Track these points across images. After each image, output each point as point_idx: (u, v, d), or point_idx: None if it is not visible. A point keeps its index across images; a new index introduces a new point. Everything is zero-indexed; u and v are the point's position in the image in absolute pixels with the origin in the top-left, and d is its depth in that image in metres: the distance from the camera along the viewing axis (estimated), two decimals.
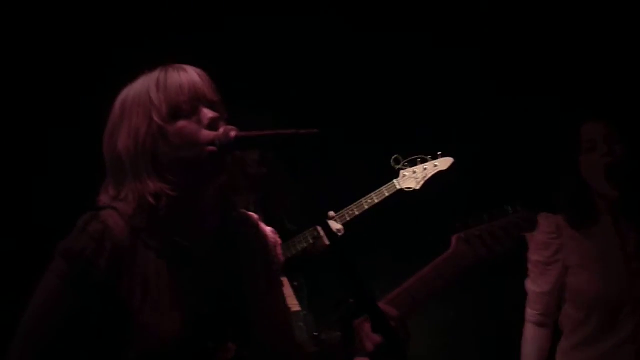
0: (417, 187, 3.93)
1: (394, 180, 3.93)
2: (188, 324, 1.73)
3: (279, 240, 2.06)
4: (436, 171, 3.97)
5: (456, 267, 1.89)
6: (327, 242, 3.59)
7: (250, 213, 1.97)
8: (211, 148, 1.73)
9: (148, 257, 1.74)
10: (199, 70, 1.82)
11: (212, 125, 1.76)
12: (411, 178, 3.94)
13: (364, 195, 3.87)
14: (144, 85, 1.80)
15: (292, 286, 3.62)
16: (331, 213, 3.76)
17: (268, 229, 2.01)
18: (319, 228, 3.59)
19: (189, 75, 1.80)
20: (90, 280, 1.68)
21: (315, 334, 3.53)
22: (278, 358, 1.88)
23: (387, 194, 3.89)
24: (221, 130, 1.75)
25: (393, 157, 3.95)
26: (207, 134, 1.75)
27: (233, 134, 1.74)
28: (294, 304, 3.57)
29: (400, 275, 1.90)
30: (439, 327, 4.58)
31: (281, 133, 1.67)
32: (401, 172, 3.95)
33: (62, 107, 3.95)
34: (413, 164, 3.97)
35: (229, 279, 1.83)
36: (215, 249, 1.83)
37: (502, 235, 1.92)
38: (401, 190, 3.92)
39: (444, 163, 3.98)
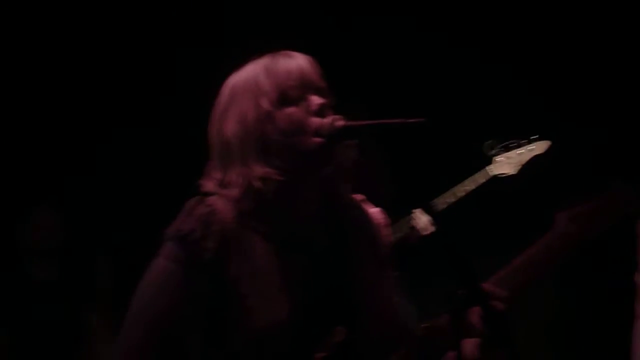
0: (513, 172, 3.86)
1: (488, 167, 3.87)
2: (296, 309, 1.75)
3: (386, 220, 2.05)
4: (532, 155, 3.89)
5: (564, 246, 1.85)
6: (420, 232, 3.57)
7: (356, 195, 1.97)
8: (318, 139, 1.75)
9: (255, 241, 1.77)
10: (307, 56, 1.85)
11: (320, 111, 1.78)
12: (506, 163, 3.88)
13: (458, 184, 3.82)
14: (252, 71, 1.83)
15: None
16: (424, 204, 3.73)
17: (375, 209, 2.00)
18: (414, 217, 3.59)
19: (297, 62, 1.82)
20: (199, 262, 1.72)
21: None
22: (386, 342, 1.87)
23: (481, 181, 3.83)
24: (328, 119, 1.76)
25: (486, 143, 3.89)
26: (314, 120, 1.77)
27: (340, 123, 1.75)
28: None
29: (496, 262, 1.88)
30: (541, 321, 4.50)
31: (389, 122, 1.68)
32: (494, 158, 3.89)
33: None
34: (507, 149, 3.90)
35: (336, 264, 1.84)
36: (323, 233, 1.84)
37: (609, 212, 1.87)
38: (495, 176, 3.86)
39: (540, 146, 3.89)
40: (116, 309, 4.34)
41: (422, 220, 3.63)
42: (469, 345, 1.71)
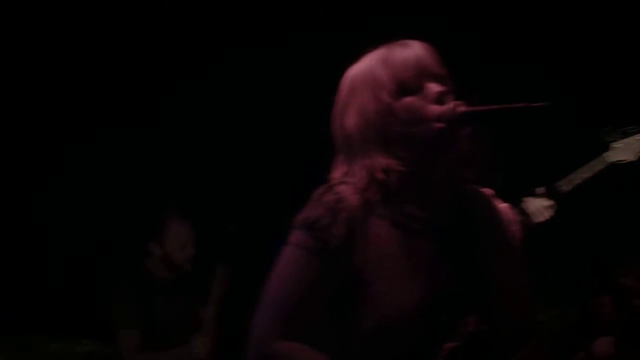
0: (633, 159, 3.74)
1: (605, 154, 3.77)
2: (425, 296, 1.75)
3: (517, 217, 2.03)
4: None
5: None
6: (534, 219, 3.52)
7: (484, 188, 1.96)
8: (439, 124, 1.75)
9: (382, 229, 1.78)
10: (424, 44, 1.84)
11: (440, 99, 1.78)
12: (624, 150, 3.76)
13: (573, 171, 3.74)
14: (369, 63, 1.84)
15: None
16: (539, 190, 3.68)
17: (504, 205, 1.99)
18: (527, 204, 3.54)
19: (414, 51, 1.82)
20: (327, 249, 1.74)
21: None
22: (517, 336, 1.86)
23: (598, 168, 3.74)
24: (449, 105, 1.76)
25: (604, 129, 3.79)
26: (434, 108, 1.77)
27: (461, 108, 1.75)
28: None
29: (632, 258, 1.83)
30: None
31: (512, 106, 1.66)
32: (612, 144, 3.78)
33: None
34: (625, 135, 3.79)
35: (465, 252, 1.83)
36: (450, 222, 1.84)
37: None
38: (614, 163, 3.76)
39: None
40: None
41: (535, 206, 3.58)
42: (604, 343, 1.68)
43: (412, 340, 1.75)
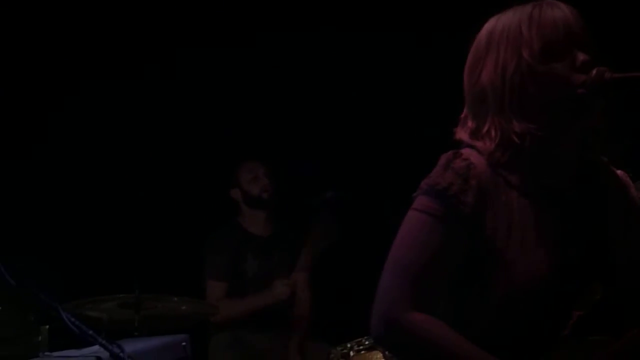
0: None
1: None
2: (554, 264, 1.70)
3: (631, 183, 1.97)
4: None
5: None
6: None
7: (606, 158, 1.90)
8: (581, 90, 1.68)
9: (511, 195, 1.73)
10: (572, 8, 1.76)
11: (584, 68, 1.70)
12: None
13: None
14: (514, 18, 1.75)
15: None
16: None
17: (620, 172, 1.92)
18: None
19: (564, 14, 1.74)
20: (457, 217, 1.70)
21: None
22: None
23: None
24: (594, 71, 1.69)
25: None
26: (578, 77, 1.69)
27: (607, 75, 1.68)
28: None
29: None
30: None
31: None
32: None
33: None
34: None
35: (593, 220, 1.78)
36: (577, 189, 1.78)
37: None
38: None
39: None
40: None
41: None
42: None
43: (540, 310, 1.71)
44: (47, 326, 2.12)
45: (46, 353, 2.04)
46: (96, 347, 2.01)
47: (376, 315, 1.73)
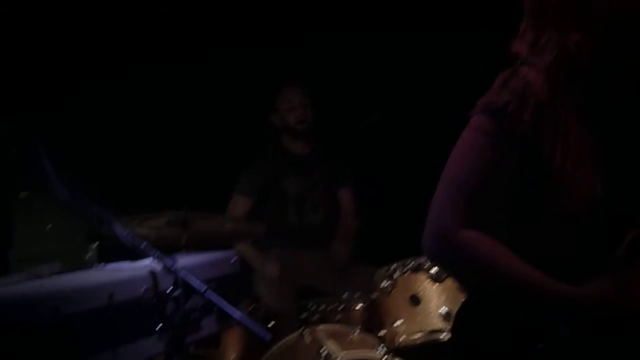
0: None
1: None
2: (610, 185, 1.69)
3: None
4: None
5: None
6: None
7: None
8: None
9: (568, 115, 1.71)
10: None
11: None
12: None
13: None
14: None
15: None
16: None
17: None
18: None
19: None
20: (513, 136, 1.69)
21: None
22: None
23: None
24: None
25: None
26: None
27: None
28: None
29: None
30: None
31: None
32: None
33: None
34: None
35: None
36: (634, 108, 1.74)
37: None
38: None
39: None
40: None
41: None
42: None
43: (594, 229, 1.70)
44: (97, 242, 2.16)
45: (99, 265, 2.08)
46: (148, 260, 2.04)
47: (429, 232, 1.74)
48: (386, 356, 3.14)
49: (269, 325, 3.85)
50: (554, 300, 1.66)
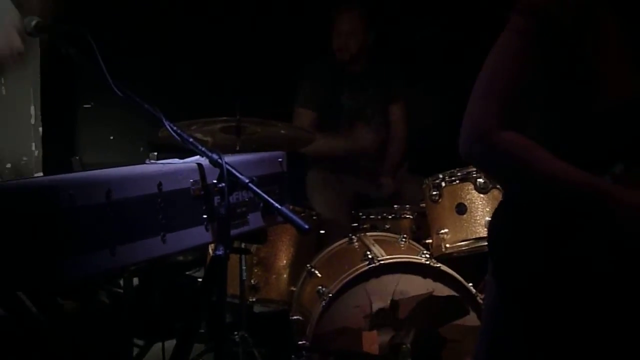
0: None
1: None
2: None
3: None
4: None
5: None
6: None
7: None
8: None
9: (609, 18, 1.71)
10: None
11: None
12: None
13: None
14: None
15: None
16: None
17: None
18: None
19: None
20: (553, 36, 1.70)
21: None
22: None
23: None
24: None
25: None
26: None
27: None
28: None
29: None
30: None
31: None
32: None
33: None
34: None
35: None
36: None
37: None
38: None
39: None
40: None
41: None
42: None
43: (633, 128, 1.72)
44: (156, 153, 2.25)
45: (151, 161, 2.18)
46: (197, 157, 2.13)
47: (466, 131, 1.78)
48: (430, 262, 3.23)
49: (321, 232, 3.97)
50: (592, 196, 1.66)
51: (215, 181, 2.04)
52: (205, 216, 2.04)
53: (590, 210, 1.67)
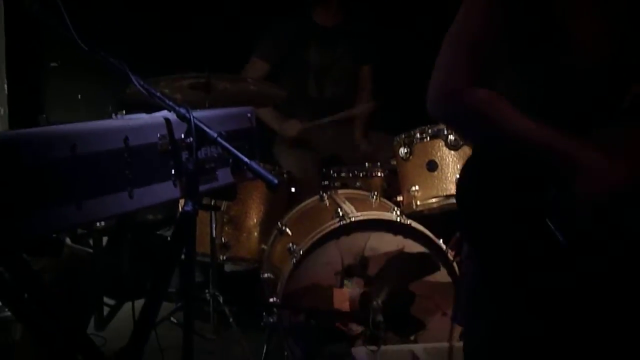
0: None
1: None
2: (618, 38, 1.69)
3: None
4: None
5: None
6: None
7: None
8: None
9: None
10: None
11: None
12: None
13: None
14: None
15: None
16: None
17: None
18: None
19: None
20: None
21: None
22: None
23: None
24: None
25: None
26: None
27: None
28: None
29: None
30: None
31: None
32: None
33: None
34: None
35: None
36: None
37: None
38: None
39: None
40: None
41: None
42: None
43: (600, 82, 1.71)
44: (124, 111, 2.22)
45: (118, 116, 2.14)
46: (165, 112, 2.10)
47: (434, 89, 1.76)
48: (400, 218, 3.23)
49: (292, 191, 3.96)
50: (560, 158, 1.66)
51: (183, 136, 2.02)
52: (173, 171, 2.02)
53: (557, 172, 1.67)
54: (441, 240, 3.25)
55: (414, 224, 3.24)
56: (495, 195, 1.77)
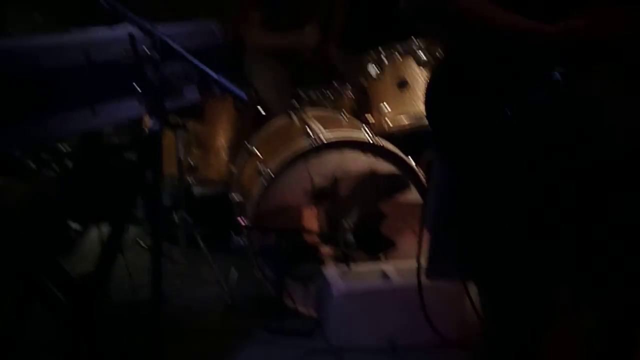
0: None
1: None
2: None
3: None
4: None
5: None
6: None
7: None
8: None
9: None
10: None
11: None
12: None
13: None
14: None
15: None
16: None
17: None
18: None
19: None
20: None
21: None
22: None
23: None
24: None
25: None
26: None
27: None
28: None
29: None
30: None
31: None
32: None
33: None
34: None
35: None
36: None
37: None
38: None
39: None
40: None
41: None
42: None
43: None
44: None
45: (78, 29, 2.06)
46: (127, 26, 2.02)
47: None
48: (370, 138, 3.20)
49: (262, 114, 3.89)
50: (536, 37, 1.71)
51: (147, 51, 1.95)
52: (137, 88, 1.95)
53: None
54: (410, 157, 3.22)
55: (384, 142, 3.21)
56: (462, 96, 1.80)
